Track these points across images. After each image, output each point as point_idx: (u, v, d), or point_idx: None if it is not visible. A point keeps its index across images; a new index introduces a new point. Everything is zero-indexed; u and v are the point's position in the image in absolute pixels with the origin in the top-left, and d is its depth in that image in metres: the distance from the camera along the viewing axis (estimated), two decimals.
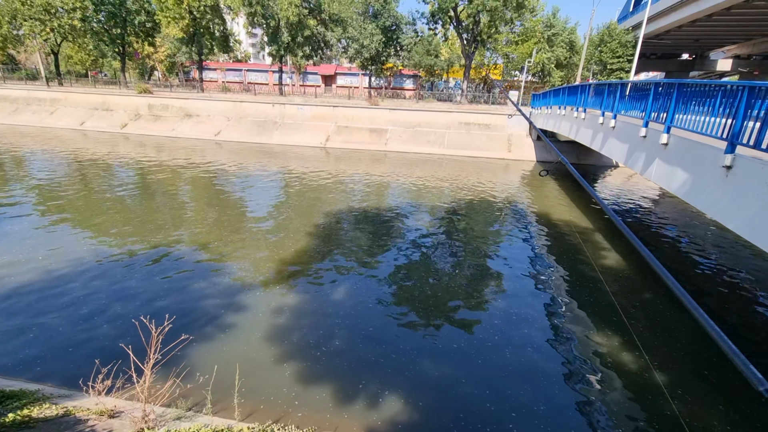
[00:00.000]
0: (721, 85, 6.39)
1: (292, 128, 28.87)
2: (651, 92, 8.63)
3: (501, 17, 30.73)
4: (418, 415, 4.95)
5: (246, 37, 60.92)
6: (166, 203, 13.36)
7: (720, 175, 5.94)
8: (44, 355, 5.74)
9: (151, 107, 31.75)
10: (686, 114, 7.14)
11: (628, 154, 9.92)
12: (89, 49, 42.40)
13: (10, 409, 3.97)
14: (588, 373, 5.93)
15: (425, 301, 7.74)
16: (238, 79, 50.69)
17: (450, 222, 12.97)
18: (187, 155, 22.38)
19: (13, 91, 34.88)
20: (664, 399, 5.37)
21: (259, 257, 9.27)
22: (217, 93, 36.59)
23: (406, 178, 19.12)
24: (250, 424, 4.46)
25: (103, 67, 56.08)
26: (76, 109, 32.52)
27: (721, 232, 12.93)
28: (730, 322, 7.59)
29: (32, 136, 26.52)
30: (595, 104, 13.38)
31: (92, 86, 39.61)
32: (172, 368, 4.89)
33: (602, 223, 13.37)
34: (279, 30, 34.50)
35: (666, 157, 7.82)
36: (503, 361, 6.06)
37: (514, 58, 42.01)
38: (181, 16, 33.43)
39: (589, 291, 8.50)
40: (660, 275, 6.40)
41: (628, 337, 6.76)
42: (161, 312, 6.56)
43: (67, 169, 17.85)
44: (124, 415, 4.22)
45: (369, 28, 33.93)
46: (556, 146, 25.49)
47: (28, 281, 7.64)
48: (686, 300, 5.42)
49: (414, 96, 39.22)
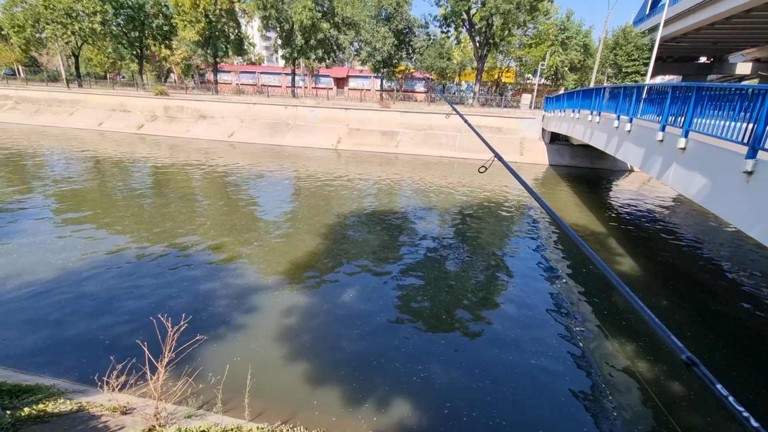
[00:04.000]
0: (740, 88, 6.22)
1: (304, 130, 29.08)
2: (668, 96, 8.46)
3: (514, 20, 30.53)
4: (427, 418, 4.90)
5: (260, 40, 61.73)
6: (181, 203, 13.56)
7: (740, 180, 5.78)
8: (60, 350, 5.86)
9: (167, 109, 32.32)
10: (705, 118, 6.98)
11: (645, 159, 9.73)
12: (108, 52, 43.42)
13: (25, 403, 4.05)
14: (601, 381, 5.81)
15: (435, 303, 7.69)
16: (251, 81, 51.27)
17: (461, 225, 12.89)
18: (201, 156, 22.71)
19: (35, 92, 35.86)
20: (670, 408, 5.24)
21: (270, 258, 9.33)
22: (231, 95, 37.08)
23: (417, 180, 19.08)
24: (260, 424, 4.47)
25: (122, 70, 57.31)
26: (94, 110, 33.29)
27: (740, 238, 12.60)
28: (752, 327, 7.39)
29: (53, 136, 27.21)
30: (610, 108, 13.18)
31: (111, 88, 40.50)
32: (185, 366, 4.93)
33: (616, 228, 13.14)
34: (292, 33, 34.86)
35: (684, 162, 7.65)
36: (513, 366, 5.98)
37: (527, 61, 41.68)
38: (197, 19, 34.03)
39: (601, 297, 8.34)
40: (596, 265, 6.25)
41: (640, 344, 6.61)
42: (175, 310, 6.66)
43: (85, 168, 18.26)
44: (137, 412, 4.28)
45: (381, 31, 34.03)
46: (569, 150, 25.29)
47: (45, 278, 7.82)
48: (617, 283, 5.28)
49: (425, 99, 39.18)
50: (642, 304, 1.44)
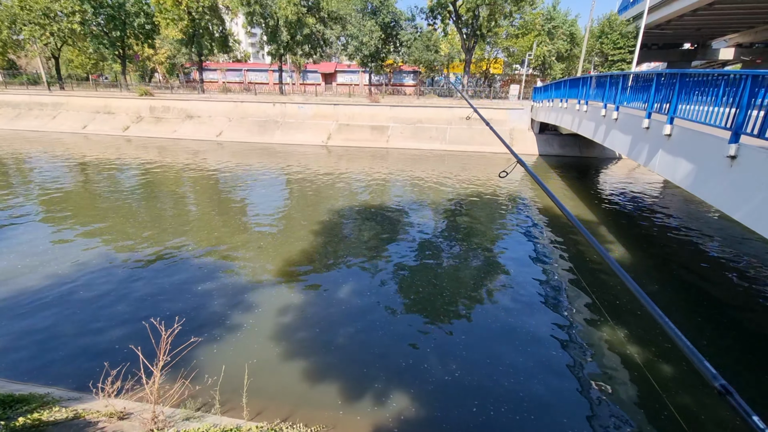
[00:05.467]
0: (723, 74, 6.32)
1: (293, 127, 28.87)
2: (653, 83, 8.56)
3: (500, 11, 30.52)
4: (425, 414, 4.96)
5: (245, 37, 60.96)
6: (171, 205, 13.41)
7: (724, 165, 5.89)
8: (53, 358, 5.79)
9: (153, 109, 31.82)
10: (689, 104, 7.08)
11: (631, 146, 9.85)
12: (89, 53, 42.47)
13: (19, 413, 4.01)
14: (594, 369, 5.92)
15: (430, 298, 7.74)
16: (238, 79, 50.64)
17: (453, 218, 12.95)
18: (190, 156, 22.44)
19: (15, 96, 35.01)
20: (658, 397, 5.36)
21: (263, 257, 9.30)
22: (217, 93, 36.58)
23: (409, 174, 19.09)
24: (259, 423, 4.49)
25: (104, 71, 56.10)
26: (78, 113, 32.64)
27: (725, 221, 12.85)
28: (738, 307, 7.57)
29: (35, 141, 26.65)
30: (597, 96, 13.29)
31: (93, 90, 39.67)
32: (181, 369, 4.92)
33: (607, 217, 13.31)
34: (278, 29, 34.43)
35: (669, 148, 7.77)
36: (510, 357, 6.06)
37: (514, 51, 41.72)
38: (180, 17, 33.40)
39: (594, 285, 8.47)
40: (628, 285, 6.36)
41: (630, 330, 6.74)
42: (168, 313, 6.62)
43: (71, 173, 17.94)
44: (134, 417, 4.26)
45: (368, 25, 33.77)
46: (558, 139, 25.47)
47: (34, 285, 7.70)
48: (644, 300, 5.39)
49: (414, 92, 39.09)
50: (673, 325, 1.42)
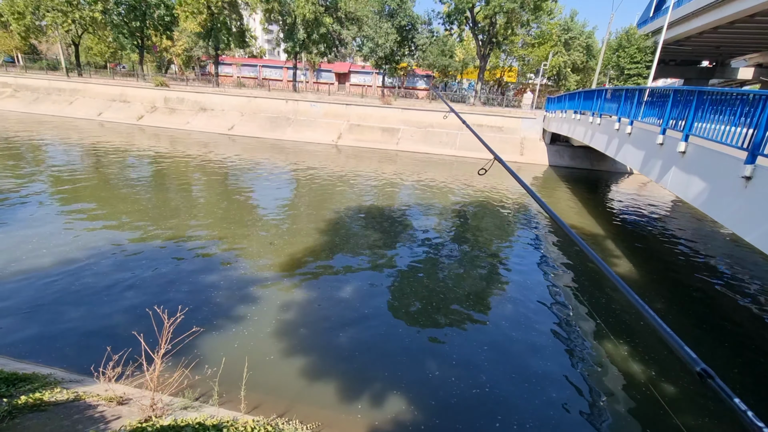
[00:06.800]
0: (742, 94, 6.24)
1: (304, 125, 29.01)
2: (670, 99, 8.47)
3: (517, 19, 30.46)
4: (422, 415, 4.94)
5: (262, 33, 61.35)
6: (179, 195, 13.54)
7: (739, 185, 5.81)
8: (57, 340, 5.86)
9: (167, 100, 32.17)
10: (705, 122, 7.00)
11: (644, 162, 9.76)
12: (109, 42, 43.15)
13: (22, 391, 4.06)
14: (594, 379, 5.85)
15: (433, 300, 7.72)
16: (252, 74, 51.03)
17: (459, 224, 12.92)
18: (201, 148, 22.64)
19: (34, 80, 35.63)
20: (664, 411, 5.29)
21: (269, 252, 9.34)
22: (231, 88, 36.93)
23: (417, 178, 19.08)
24: (255, 417, 4.49)
25: (122, 60, 56.90)
26: (94, 100, 33.11)
27: (736, 243, 12.66)
28: (750, 333, 7.45)
29: (52, 125, 27.07)
30: (611, 110, 13.19)
31: (111, 78, 40.25)
32: (182, 358, 4.96)
33: (614, 230, 13.19)
34: (295, 27, 34.69)
35: (683, 166, 7.68)
36: (510, 363, 6.02)
37: (529, 60, 41.59)
38: (200, 10, 33.81)
39: (597, 298, 8.39)
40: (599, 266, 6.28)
41: (635, 344, 6.66)
42: (172, 302, 6.67)
43: (84, 158, 18.19)
44: (133, 402, 4.30)
45: (384, 27, 33.87)
46: (569, 151, 25.30)
47: (43, 267, 7.81)
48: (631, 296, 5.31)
49: (427, 96, 39.10)
50: (652, 312, 1.44)
